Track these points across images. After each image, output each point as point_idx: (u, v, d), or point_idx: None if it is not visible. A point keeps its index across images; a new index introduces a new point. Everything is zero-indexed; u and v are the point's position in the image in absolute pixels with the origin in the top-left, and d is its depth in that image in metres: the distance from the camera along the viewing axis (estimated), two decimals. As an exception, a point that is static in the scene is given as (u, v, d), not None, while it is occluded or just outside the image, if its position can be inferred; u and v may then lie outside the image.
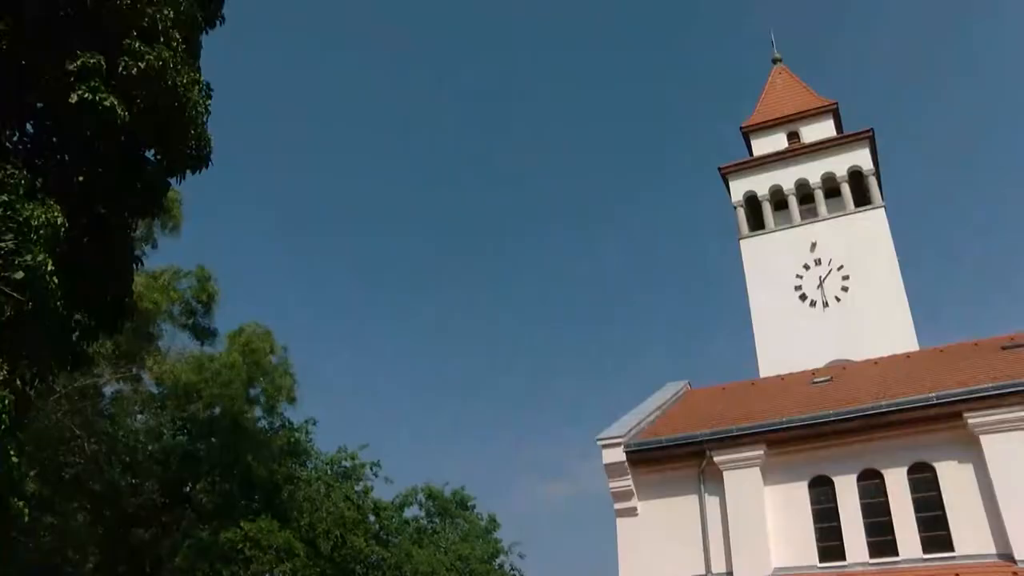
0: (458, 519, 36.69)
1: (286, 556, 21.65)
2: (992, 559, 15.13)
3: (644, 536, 17.74)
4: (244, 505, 23.94)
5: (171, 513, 24.80)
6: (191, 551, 22.31)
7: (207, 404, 23.82)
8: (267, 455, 23.63)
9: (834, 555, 16.28)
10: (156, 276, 22.99)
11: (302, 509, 23.71)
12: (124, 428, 23.54)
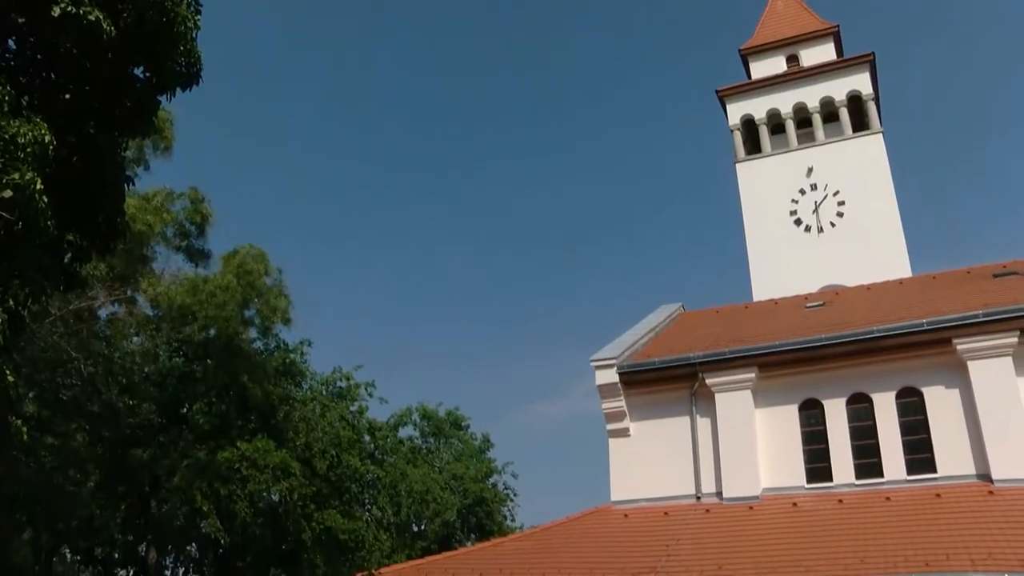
0: (452, 439, 37.22)
1: (283, 475, 21.95)
2: (971, 479, 15.55)
3: (636, 456, 18.06)
4: (240, 425, 24.19)
5: (168, 433, 25.06)
6: (189, 471, 22.59)
7: (202, 326, 23.85)
8: (263, 376, 23.75)
9: (822, 476, 16.64)
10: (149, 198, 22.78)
11: (298, 429, 23.97)
12: (120, 350, 23.63)
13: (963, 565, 12.13)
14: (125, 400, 22.87)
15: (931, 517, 14.44)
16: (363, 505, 27.87)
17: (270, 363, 24.59)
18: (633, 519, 17.10)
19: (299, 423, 24.52)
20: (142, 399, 23.49)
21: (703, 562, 14.09)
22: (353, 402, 28.51)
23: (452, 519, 32.17)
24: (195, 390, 25.01)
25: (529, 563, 15.44)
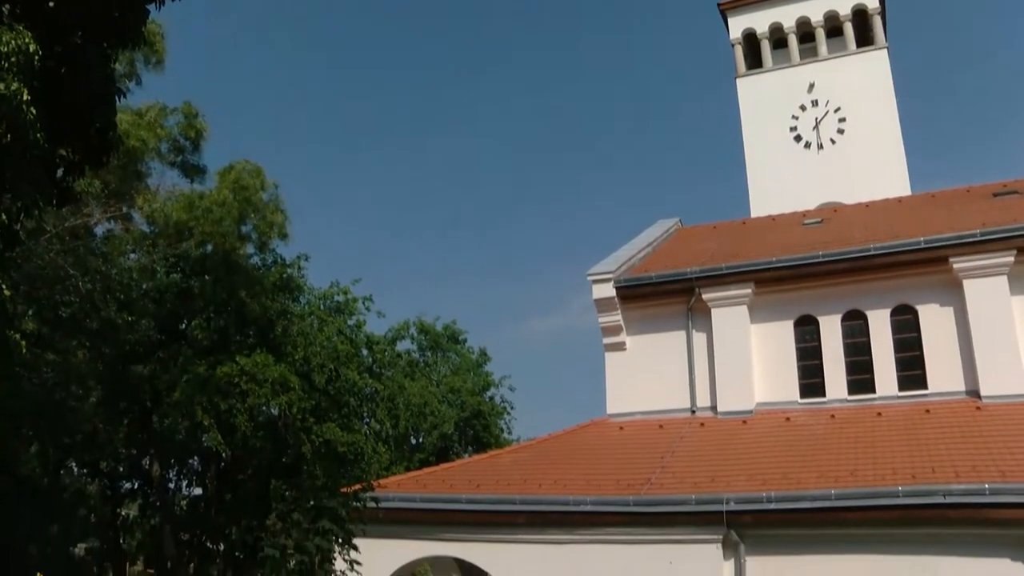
0: (449, 353, 37.49)
1: (281, 389, 22.22)
2: (961, 396, 15.75)
3: (632, 370, 18.25)
4: (239, 340, 24.38)
5: (168, 349, 25.27)
6: (189, 386, 22.84)
7: (199, 242, 23.83)
8: (260, 291, 23.83)
9: (815, 392, 16.86)
10: (141, 113, 22.49)
11: (296, 344, 24.17)
12: (117, 267, 23.63)
13: (948, 477, 12.37)
14: (124, 316, 22.98)
15: (920, 432, 14.68)
16: (362, 418, 28.30)
17: (267, 278, 24.65)
18: (629, 432, 17.37)
19: (297, 337, 24.71)
20: (141, 315, 23.61)
21: (697, 474, 14.37)
22: (351, 316, 28.70)
23: (450, 432, 32.66)
24: (193, 306, 25.13)
25: (526, 474, 15.73)
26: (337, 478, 10.54)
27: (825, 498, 12.60)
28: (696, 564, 13.37)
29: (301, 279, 27.03)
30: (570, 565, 14.25)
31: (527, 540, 14.60)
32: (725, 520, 13.03)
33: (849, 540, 12.76)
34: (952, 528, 12.13)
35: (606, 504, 13.88)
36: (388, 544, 15.46)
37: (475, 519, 14.89)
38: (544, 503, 14.33)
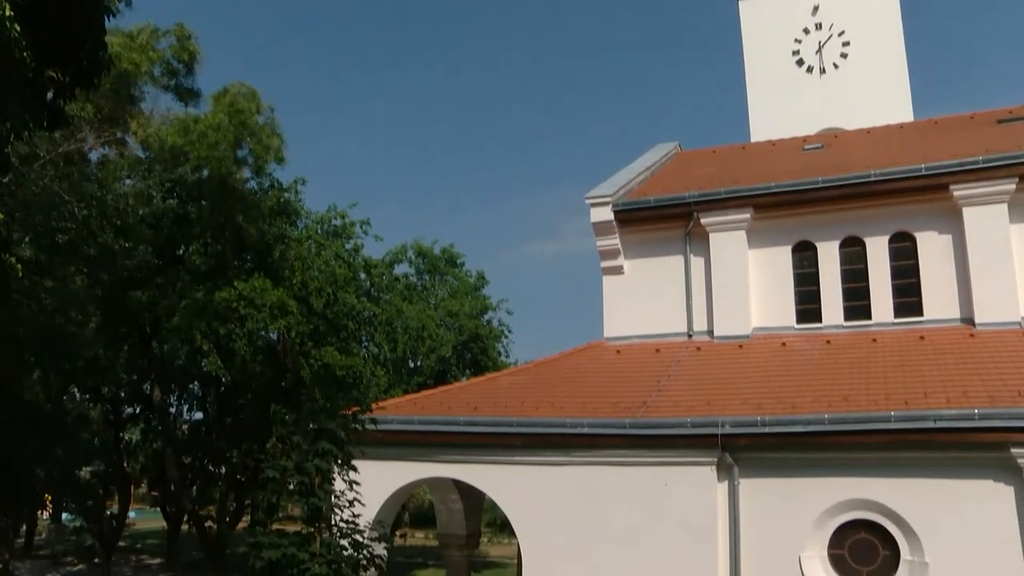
0: (447, 276, 37.49)
1: (280, 313, 22.27)
2: (955, 323, 15.87)
3: (629, 294, 18.32)
4: (237, 265, 24.36)
5: (166, 275, 25.28)
6: (188, 311, 22.89)
7: (195, 167, 23.60)
8: (257, 216, 23.71)
9: (811, 317, 16.96)
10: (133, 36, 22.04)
11: (294, 268, 24.15)
12: (113, 192, 23.45)
13: (939, 402, 12.54)
14: (121, 242, 22.93)
15: (914, 358, 14.82)
16: (360, 342, 28.46)
17: (264, 203, 24.51)
18: (625, 355, 17.51)
19: (295, 262, 24.69)
20: (138, 241, 23.55)
21: (692, 397, 14.54)
22: (348, 240, 28.64)
23: (447, 355, 32.88)
24: (191, 231, 25.05)
25: (522, 396, 15.90)
26: (336, 401, 10.66)
27: (819, 422, 12.77)
28: (691, 486, 13.63)
29: (298, 203, 26.89)
30: (566, 487, 14.51)
31: (524, 462, 14.84)
32: (720, 443, 13.24)
33: (841, 463, 13.00)
34: (941, 452, 12.35)
35: (602, 427, 14.07)
36: (387, 466, 15.72)
37: (472, 441, 15.10)
38: (541, 425, 14.52)
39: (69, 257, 21.93)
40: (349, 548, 9.78)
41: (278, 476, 9.98)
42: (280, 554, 9.61)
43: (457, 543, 19.77)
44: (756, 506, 13.39)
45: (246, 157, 24.07)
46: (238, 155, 23.75)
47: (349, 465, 10.10)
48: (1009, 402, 12.07)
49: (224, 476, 30.08)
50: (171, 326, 23.69)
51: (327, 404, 10.49)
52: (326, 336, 24.24)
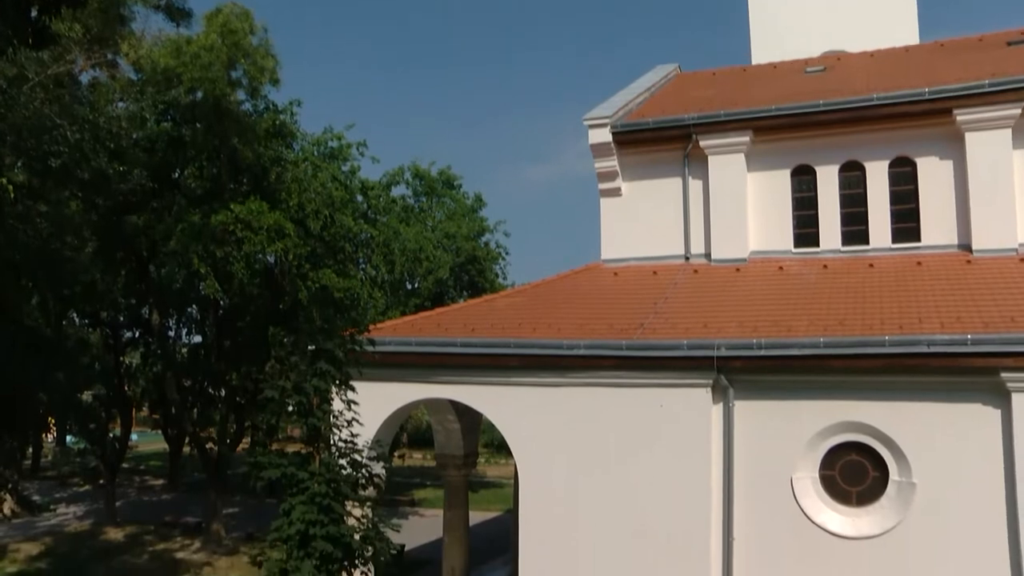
0: (444, 198, 37.27)
1: (277, 236, 22.16)
2: (953, 249, 15.88)
3: (627, 216, 18.29)
4: (233, 188, 24.16)
5: (162, 198, 25.11)
6: (184, 234, 22.78)
7: (188, 89, 23.22)
8: (253, 138, 23.38)
9: (809, 241, 16.96)
10: (118, -50, 21.47)
11: (290, 190, 23.96)
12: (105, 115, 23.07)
13: (933, 327, 12.63)
14: (115, 166, 22.67)
15: (910, 283, 14.87)
16: (357, 264, 28.41)
17: (259, 125, 24.17)
18: (623, 277, 17.56)
19: (291, 184, 24.48)
20: (132, 165, 23.30)
21: (689, 320, 14.61)
22: (345, 162, 28.35)
23: (445, 277, 32.90)
24: (185, 154, 24.79)
25: (519, 318, 15.98)
26: (334, 322, 10.70)
27: (814, 346, 12.89)
28: (686, 407, 13.80)
29: (294, 125, 26.52)
30: (563, 407, 14.69)
31: (521, 383, 14.99)
32: (716, 365, 13.37)
33: (835, 387, 13.15)
34: (934, 376, 12.50)
35: (599, 348, 14.18)
36: (384, 387, 15.89)
37: (469, 362, 15.23)
38: (538, 347, 14.63)
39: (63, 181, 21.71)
40: (348, 467, 9.92)
41: (277, 396, 10.05)
42: (280, 473, 9.75)
43: (455, 463, 20.11)
44: (750, 428, 13.59)
45: (240, 79, 23.65)
46: (232, 77, 23.32)
47: (347, 385, 10.17)
48: (1002, 327, 12.18)
49: (224, 398, 30.36)
50: (168, 250, 23.62)
51: (325, 324, 10.52)
52: (323, 258, 24.19)
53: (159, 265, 27.29)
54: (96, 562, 24.41)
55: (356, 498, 9.86)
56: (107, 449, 31.37)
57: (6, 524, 29.93)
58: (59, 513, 32.58)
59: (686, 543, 13.77)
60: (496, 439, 43.75)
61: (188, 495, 37.55)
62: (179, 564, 24.38)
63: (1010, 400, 12.05)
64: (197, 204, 23.65)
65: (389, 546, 10.16)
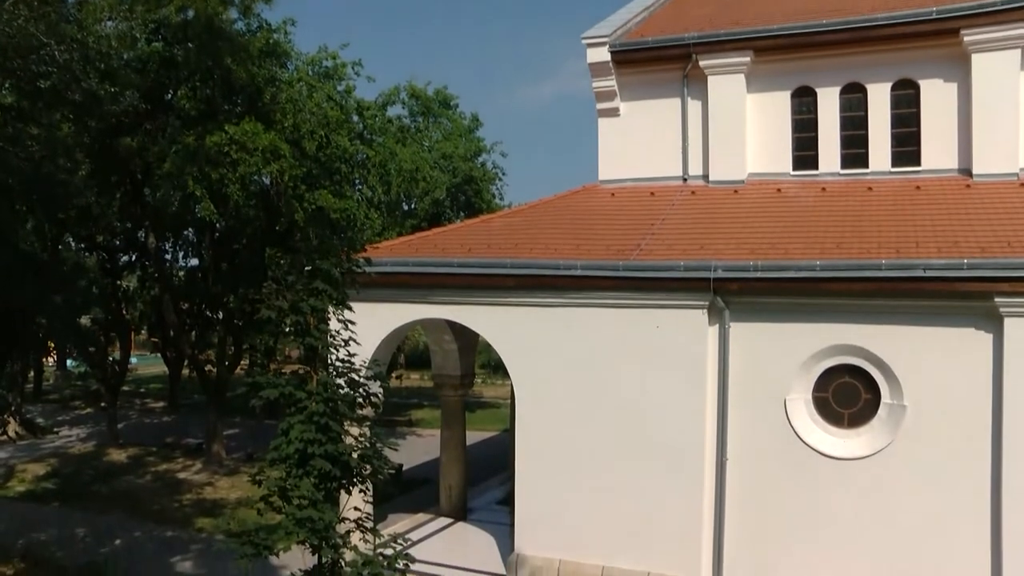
0: (441, 118, 36.78)
1: (272, 157, 21.89)
2: (953, 174, 15.79)
3: (625, 137, 18.15)
4: (227, 110, 23.77)
5: (155, 120, 24.73)
6: (178, 156, 22.49)
7: (179, 7, 22.65)
8: (246, 58, 22.88)
9: (808, 164, 16.86)
10: None
11: (285, 111, 23.58)
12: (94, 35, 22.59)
13: (929, 252, 12.65)
14: (106, 87, 22.26)
15: (908, 207, 14.83)
16: (353, 185, 28.13)
17: (253, 44, 23.64)
18: (620, 198, 17.49)
19: (286, 104, 24.09)
20: (124, 86, 22.87)
21: (686, 241, 14.61)
22: (340, 82, 27.83)
23: (441, 197, 32.70)
24: (178, 75, 24.34)
25: (516, 238, 15.97)
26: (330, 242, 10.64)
27: (810, 268, 12.92)
28: (682, 329, 13.89)
29: (288, 44, 25.98)
30: (559, 327, 14.79)
31: (517, 303, 15.06)
32: (712, 287, 13.42)
33: (831, 310, 13.22)
34: (928, 300, 12.57)
35: (596, 269, 14.20)
36: (382, 308, 15.96)
37: (466, 282, 15.27)
38: (534, 267, 14.66)
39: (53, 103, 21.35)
40: (345, 387, 9.97)
41: (274, 317, 10.04)
42: (278, 393, 9.78)
43: (452, 383, 20.32)
44: (745, 349, 13.71)
45: (232, -4, 23.08)
46: (223, -7, 22.75)
47: (344, 305, 10.17)
48: (999, 252, 12.19)
49: (222, 321, 30.42)
50: (162, 172, 23.31)
51: (321, 243, 10.47)
52: (319, 179, 23.92)
53: (154, 188, 26.99)
54: (100, 482, 24.81)
55: (354, 417, 9.94)
56: (107, 372, 31.60)
57: (12, 446, 30.33)
58: (62, 435, 32.97)
59: (680, 462, 14.02)
60: (493, 360, 44.08)
61: (188, 417, 37.94)
62: (181, 484, 24.78)
63: (1002, 325, 12.14)
64: (191, 126, 23.31)
65: (387, 465, 10.27)
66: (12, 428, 30.86)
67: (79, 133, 23.10)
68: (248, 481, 10.33)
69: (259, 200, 24.98)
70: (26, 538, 19.12)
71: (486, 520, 20.21)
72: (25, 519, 20.80)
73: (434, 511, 20.77)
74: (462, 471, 20.69)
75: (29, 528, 19.95)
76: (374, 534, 10.26)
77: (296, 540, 9.43)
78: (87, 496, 23.17)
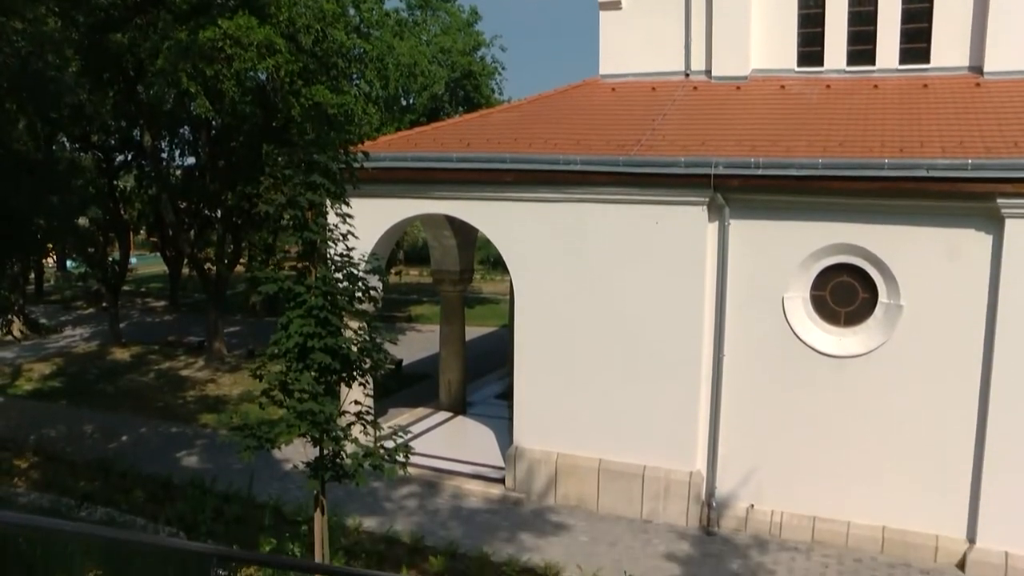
0: (439, 11, 35.86)
1: (268, 52, 21.36)
2: (963, 72, 15.45)
3: (626, 30, 17.71)
4: (220, 3, 23.05)
5: (145, 15, 24.04)
6: (171, 52, 21.93)
7: None
8: (237, -52, 22.30)
9: (813, 60, 16.49)
10: None
11: (280, 4, 22.84)
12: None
13: (934, 151, 12.49)
14: (91, -23, 21.63)
15: (914, 106, 14.59)
16: (351, 80, 27.66)
17: (243, -67, 22.87)
18: (621, 93, 17.20)
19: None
20: (109, -24, 22.25)
21: (687, 137, 14.43)
22: (336, -27, 27.06)
23: (440, 92, 32.18)
24: (167, -35, 23.63)
25: (515, 133, 15.77)
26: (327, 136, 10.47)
27: (812, 167, 12.79)
28: (681, 225, 13.85)
29: (281, -67, 25.12)
30: (558, 223, 14.75)
31: (517, 198, 14.98)
32: (712, 183, 13.31)
33: (832, 208, 13.14)
34: (931, 200, 12.48)
35: (595, 164, 14.07)
36: (380, 203, 15.89)
37: (465, 177, 15.16)
38: (534, 162, 14.53)
39: (35, -6, 20.77)
40: (344, 281, 9.98)
41: (272, 210, 9.98)
42: (277, 288, 9.78)
43: (451, 279, 20.40)
44: (744, 247, 13.69)
45: None
46: None
47: (342, 199, 10.09)
48: (1004, 152, 12.04)
49: (220, 219, 30.29)
50: (155, 69, 22.79)
51: (318, 137, 10.31)
52: (316, 75, 23.41)
53: (147, 85, 26.46)
54: (105, 381, 25.16)
55: (353, 311, 9.98)
56: (107, 272, 31.64)
57: (17, 346, 30.66)
58: (66, 335, 33.27)
59: (677, 358, 14.18)
60: (492, 256, 44.16)
61: (189, 315, 38.25)
62: (184, 381, 25.14)
63: (1003, 226, 12.08)
64: (183, 20, 22.67)
65: (387, 359, 10.37)
66: (16, 328, 31.10)
67: (66, 28, 22.53)
68: (250, 376, 10.44)
69: (255, 96, 24.58)
70: (36, 434, 19.52)
71: (485, 414, 20.60)
72: (34, 416, 21.20)
73: (434, 405, 21.14)
74: (461, 366, 20.96)
75: (39, 425, 20.35)
76: (374, 427, 10.42)
77: (298, 433, 9.59)
78: (93, 394, 23.54)
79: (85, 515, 14.47)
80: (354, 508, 14.66)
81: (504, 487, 15.87)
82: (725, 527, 14.27)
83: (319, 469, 10.02)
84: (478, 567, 12.60)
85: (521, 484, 15.62)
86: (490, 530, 14.21)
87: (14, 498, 15.10)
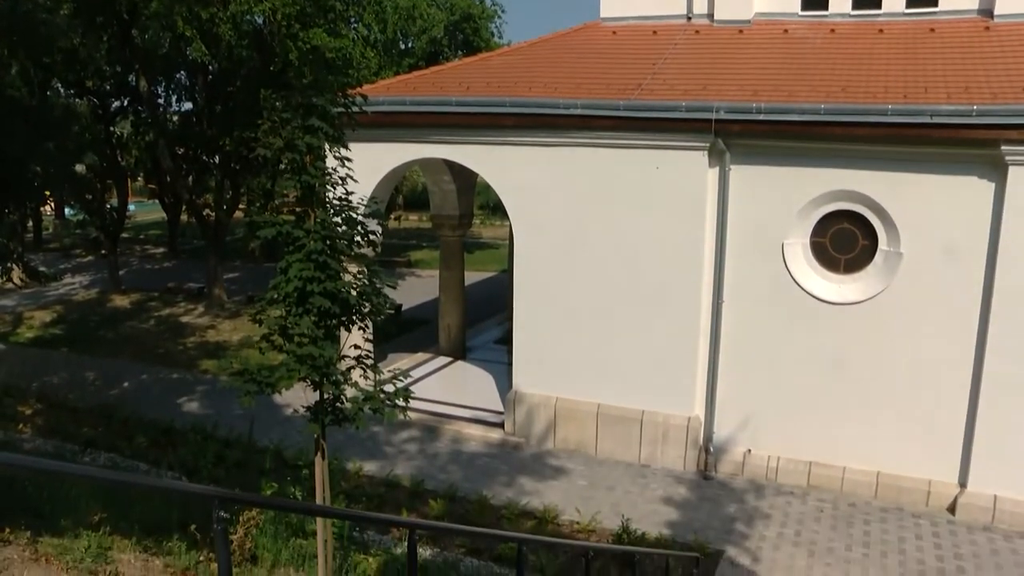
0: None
1: (265, -9, 21.15)
2: (972, 15, 15.21)
3: (627, -29, 17.45)
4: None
5: (139, -45, 23.70)
6: (166, -6, 21.66)
7: None
8: None
9: (817, 4, 16.25)
10: None
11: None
12: None
13: (938, 97, 12.36)
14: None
15: (920, 51, 14.40)
16: (349, 23, 27.31)
17: None
18: (622, 36, 16.98)
19: (276, -63, 23.02)
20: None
21: (688, 81, 14.28)
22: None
23: (439, 36, 31.86)
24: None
25: (515, 76, 15.61)
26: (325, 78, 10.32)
27: (814, 112, 12.68)
28: (682, 170, 13.78)
29: None
30: (558, 167, 14.67)
31: (516, 143, 14.88)
32: (713, 128, 13.21)
33: (833, 155, 13.06)
34: (934, 147, 12.38)
35: (596, 108, 13.95)
36: (379, 148, 15.79)
37: (465, 121, 15.04)
38: (534, 106, 14.40)
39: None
40: (343, 224, 9.91)
41: (269, 154, 9.87)
42: (275, 232, 9.66)
43: (450, 224, 20.35)
44: (745, 192, 13.64)
45: None
46: None
47: (340, 142, 9.99)
48: (1010, 98, 11.90)
49: (218, 165, 30.11)
50: (150, 12, 22.48)
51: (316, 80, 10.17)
52: (313, 17, 23.06)
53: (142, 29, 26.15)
54: (106, 328, 25.24)
55: (352, 254, 9.94)
56: (106, 220, 31.54)
57: (17, 294, 30.71)
58: (65, 283, 33.28)
59: (677, 303, 14.21)
60: (492, 201, 44.00)
61: (189, 262, 38.23)
62: (184, 327, 25.21)
63: (1006, 173, 12.00)
64: (177, -39, 22.27)
65: (386, 303, 10.34)
66: (16, 275, 31.09)
67: (56, -33, 22.10)
68: (250, 322, 10.45)
69: (252, 40, 24.29)
70: (39, 381, 19.64)
71: (484, 359, 20.71)
72: (36, 363, 21.30)
73: (433, 350, 21.24)
74: (461, 311, 21.01)
75: (41, 372, 20.47)
76: (374, 371, 10.45)
77: (298, 377, 9.60)
78: (94, 341, 23.63)
79: (89, 460, 14.61)
80: (355, 453, 14.83)
81: (503, 431, 16.02)
82: (722, 472, 14.43)
83: (319, 413, 10.04)
84: (478, 510, 12.77)
85: (520, 428, 15.76)
86: (489, 474, 14.37)
87: (19, 444, 15.23)
